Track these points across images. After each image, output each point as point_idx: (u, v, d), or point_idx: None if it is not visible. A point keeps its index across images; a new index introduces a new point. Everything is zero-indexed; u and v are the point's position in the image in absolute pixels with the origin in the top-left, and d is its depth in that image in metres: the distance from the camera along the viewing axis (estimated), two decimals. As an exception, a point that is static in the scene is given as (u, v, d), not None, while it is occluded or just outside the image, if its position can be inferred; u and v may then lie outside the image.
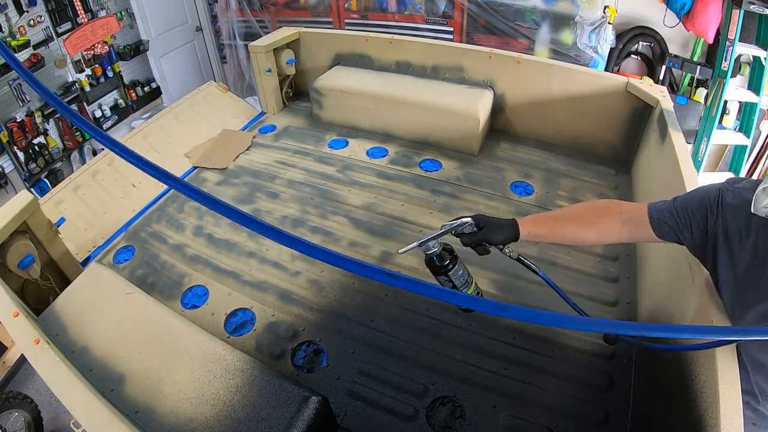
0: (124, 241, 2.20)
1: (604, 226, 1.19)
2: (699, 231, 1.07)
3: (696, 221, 1.07)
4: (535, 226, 1.22)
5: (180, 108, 2.99)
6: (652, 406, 1.34)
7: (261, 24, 4.62)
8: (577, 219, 1.23)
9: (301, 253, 0.68)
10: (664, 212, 1.11)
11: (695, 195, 1.10)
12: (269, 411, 1.19)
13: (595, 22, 3.51)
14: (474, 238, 1.19)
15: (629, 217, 1.17)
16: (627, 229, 1.17)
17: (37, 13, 3.63)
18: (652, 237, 1.14)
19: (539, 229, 1.22)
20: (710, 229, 1.05)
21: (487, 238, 1.19)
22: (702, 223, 1.06)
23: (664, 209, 1.12)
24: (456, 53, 2.75)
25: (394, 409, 1.48)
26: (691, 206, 1.08)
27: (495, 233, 1.19)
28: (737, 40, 3.17)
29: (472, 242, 1.20)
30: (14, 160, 3.66)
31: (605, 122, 2.50)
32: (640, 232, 1.15)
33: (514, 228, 1.20)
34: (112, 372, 1.35)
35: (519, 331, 1.67)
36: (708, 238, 1.06)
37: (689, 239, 1.09)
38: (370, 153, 2.67)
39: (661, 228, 1.12)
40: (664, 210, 1.12)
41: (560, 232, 1.22)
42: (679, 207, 1.10)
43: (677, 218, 1.09)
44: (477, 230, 1.20)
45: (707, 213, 1.05)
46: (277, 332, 1.73)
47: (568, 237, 1.23)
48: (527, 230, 1.20)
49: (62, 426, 2.54)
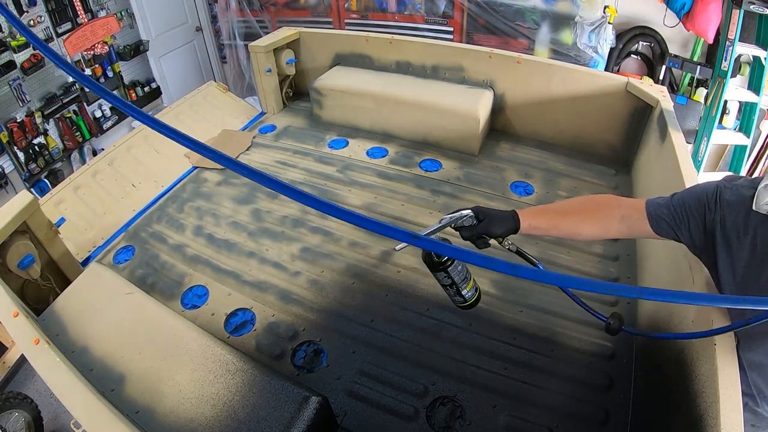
0: (124, 241, 2.20)
1: (603, 221, 1.19)
2: (697, 228, 1.06)
3: (693, 218, 1.06)
4: (535, 219, 1.20)
5: (180, 108, 2.99)
6: (652, 406, 1.34)
7: (261, 24, 4.62)
8: (577, 213, 1.23)
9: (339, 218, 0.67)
10: (662, 209, 1.11)
11: (693, 192, 1.10)
12: (269, 411, 1.19)
13: (595, 22, 3.51)
14: (474, 231, 1.17)
15: (628, 212, 1.17)
16: (625, 225, 1.17)
17: (37, 13, 3.63)
18: (650, 233, 1.14)
19: (540, 221, 1.20)
20: (708, 226, 1.04)
21: (487, 231, 1.16)
22: (700, 220, 1.05)
23: (661, 206, 1.12)
24: (456, 53, 2.75)
25: (394, 409, 1.48)
26: (688, 203, 1.08)
27: (495, 225, 1.17)
28: (737, 40, 3.17)
29: (472, 235, 1.18)
30: (14, 161, 3.66)
31: (605, 122, 2.50)
32: (638, 227, 1.15)
33: (515, 220, 1.18)
34: (112, 372, 1.35)
35: (519, 331, 1.67)
36: (706, 236, 1.06)
37: (686, 236, 1.09)
38: (370, 153, 2.67)
39: (659, 224, 1.11)
40: (662, 206, 1.11)
41: (560, 225, 1.21)
42: (676, 204, 1.09)
43: (674, 215, 1.09)
44: (477, 223, 1.17)
45: (705, 210, 1.04)
46: (277, 332, 1.73)
47: (567, 230, 1.22)
48: (528, 222, 1.19)
49: (62, 426, 2.54)
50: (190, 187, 2.48)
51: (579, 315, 1.71)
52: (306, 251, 2.04)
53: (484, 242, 1.19)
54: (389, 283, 1.87)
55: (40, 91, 3.79)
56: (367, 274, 1.91)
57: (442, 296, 1.79)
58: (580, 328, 1.67)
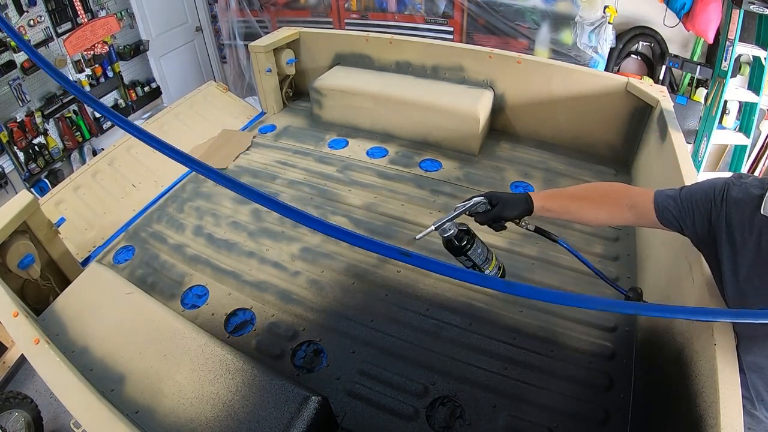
0: (124, 241, 2.20)
1: (613, 209, 1.20)
2: (701, 222, 1.06)
3: (699, 212, 1.06)
4: (548, 201, 1.22)
5: (180, 108, 2.99)
6: (652, 406, 1.34)
7: (261, 24, 4.62)
8: (588, 199, 1.24)
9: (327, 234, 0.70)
10: (669, 200, 1.11)
11: (702, 186, 1.09)
12: (269, 411, 1.19)
13: (595, 22, 3.51)
14: (488, 216, 1.19)
15: (637, 201, 1.17)
16: (633, 213, 1.17)
17: (37, 13, 3.63)
18: (656, 223, 1.14)
19: (552, 203, 1.22)
20: (713, 221, 1.04)
21: (501, 215, 1.19)
22: (705, 214, 1.05)
23: (669, 197, 1.12)
24: (456, 53, 2.75)
25: (394, 409, 1.48)
26: (696, 197, 1.07)
27: (509, 209, 1.19)
28: (737, 40, 3.17)
29: (487, 220, 1.20)
30: (14, 160, 3.66)
31: (605, 122, 2.50)
32: (644, 217, 1.16)
33: (528, 202, 1.20)
34: (112, 372, 1.35)
35: (519, 331, 1.67)
36: (710, 231, 1.05)
37: (690, 229, 1.09)
38: (370, 153, 2.67)
39: (665, 215, 1.11)
40: (670, 197, 1.12)
41: (571, 209, 1.22)
42: (684, 196, 1.09)
43: (681, 207, 1.09)
44: (490, 208, 1.19)
45: (711, 205, 1.04)
46: (277, 332, 1.73)
47: (578, 215, 1.24)
48: (541, 204, 1.20)
49: (62, 426, 2.55)
50: (190, 187, 2.48)
51: (579, 315, 1.71)
52: (306, 251, 2.04)
53: (500, 225, 1.21)
54: (389, 283, 1.87)
55: (40, 91, 3.79)
56: (367, 274, 1.91)
57: (442, 296, 1.80)
58: (580, 328, 1.67)
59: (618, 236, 2.05)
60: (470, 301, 1.77)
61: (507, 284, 0.72)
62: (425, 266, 0.70)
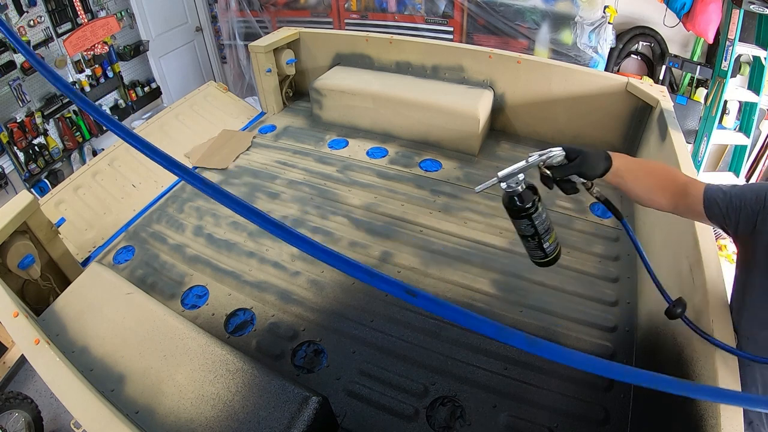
0: (124, 241, 2.20)
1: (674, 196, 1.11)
2: (746, 223, 1.02)
3: (745, 212, 1.02)
4: (625, 164, 1.09)
5: (180, 108, 2.99)
6: (652, 406, 1.34)
7: (261, 24, 4.62)
8: (657, 178, 1.13)
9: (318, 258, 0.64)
10: (718, 192, 1.06)
11: (755, 186, 1.05)
12: (269, 411, 1.19)
13: (595, 22, 3.51)
14: (566, 171, 1.05)
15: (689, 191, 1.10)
16: (683, 203, 1.11)
17: (37, 13, 3.63)
18: (702, 215, 1.09)
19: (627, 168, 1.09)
20: (758, 225, 1.01)
21: (580, 171, 1.05)
22: (752, 215, 1.01)
23: (718, 190, 1.07)
24: (456, 53, 2.76)
25: (394, 409, 1.48)
26: (746, 196, 1.03)
27: (589, 164, 1.05)
28: (737, 40, 3.17)
29: (563, 176, 1.06)
30: (14, 161, 3.66)
31: (605, 122, 2.50)
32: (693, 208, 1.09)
33: (609, 160, 1.07)
34: (112, 372, 1.35)
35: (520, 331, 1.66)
36: (753, 234, 1.02)
37: (733, 227, 1.05)
38: (370, 153, 2.67)
39: (711, 208, 1.06)
40: (719, 191, 1.07)
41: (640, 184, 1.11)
42: (734, 193, 1.05)
43: (729, 203, 1.04)
44: (568, 162, 1.06)
45: (760, 208, 1.00)
46: (277, 332, 1.73)
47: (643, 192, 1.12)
48: (618, 165, 1.08)
49: (62, 426, 2.54)
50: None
51: (579, 315, 1.72)
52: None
53: (572, 187, 1.07)
54: (389, 283, 1.86)
55: (40, 92, 3.79)
56: (367, 274, 1.91)
57: (443, 296, 1.80)
58: (580, 328, 1.67)
59: (618, 236, 2.05)
60: (470, 301, 1.77)
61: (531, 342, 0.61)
62: (431, 309, 0.62)
